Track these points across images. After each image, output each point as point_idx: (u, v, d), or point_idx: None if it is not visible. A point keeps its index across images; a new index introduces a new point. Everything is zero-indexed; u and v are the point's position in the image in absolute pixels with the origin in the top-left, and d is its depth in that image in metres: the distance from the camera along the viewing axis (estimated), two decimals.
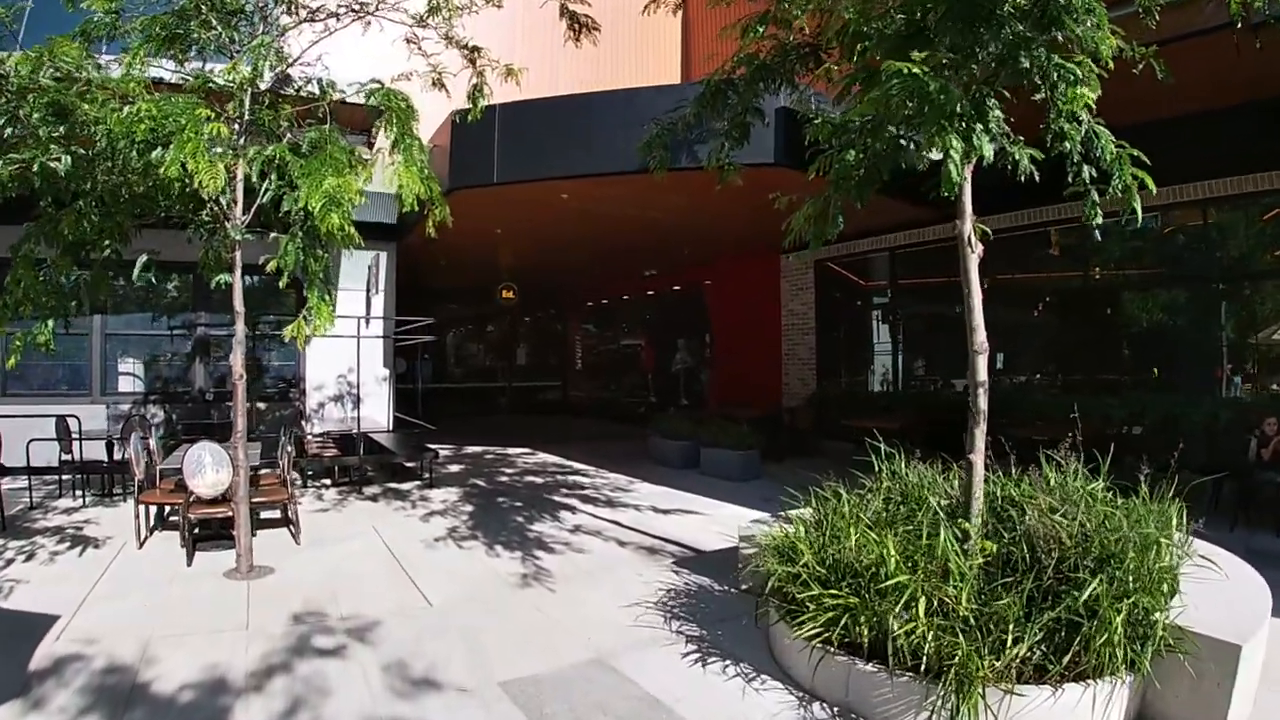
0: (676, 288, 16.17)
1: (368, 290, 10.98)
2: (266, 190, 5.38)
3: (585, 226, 10.78)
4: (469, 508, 7.78)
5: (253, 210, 5.36)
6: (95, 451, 8.37)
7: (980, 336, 4.14)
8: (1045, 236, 9.43)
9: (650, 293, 17.22)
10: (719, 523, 6.99)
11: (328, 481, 9.09)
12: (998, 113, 3.64)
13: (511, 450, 12.44)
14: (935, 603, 3.25)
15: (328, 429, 10.32)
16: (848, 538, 3.78)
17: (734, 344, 14.43)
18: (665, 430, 11.12)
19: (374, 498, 8.30)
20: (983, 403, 4.11)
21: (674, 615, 4.45)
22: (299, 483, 8.88)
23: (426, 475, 9.31)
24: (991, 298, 10.71)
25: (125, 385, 10.29)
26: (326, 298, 4.85)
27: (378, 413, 10.88)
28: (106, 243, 5.93)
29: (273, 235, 5.00)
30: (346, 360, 10.48)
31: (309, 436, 9.81)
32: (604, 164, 7.79)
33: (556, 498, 8.34)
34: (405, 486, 8.95)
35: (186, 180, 4.43)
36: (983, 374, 4.13)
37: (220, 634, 4.19)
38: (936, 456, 4.83)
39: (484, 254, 13.52)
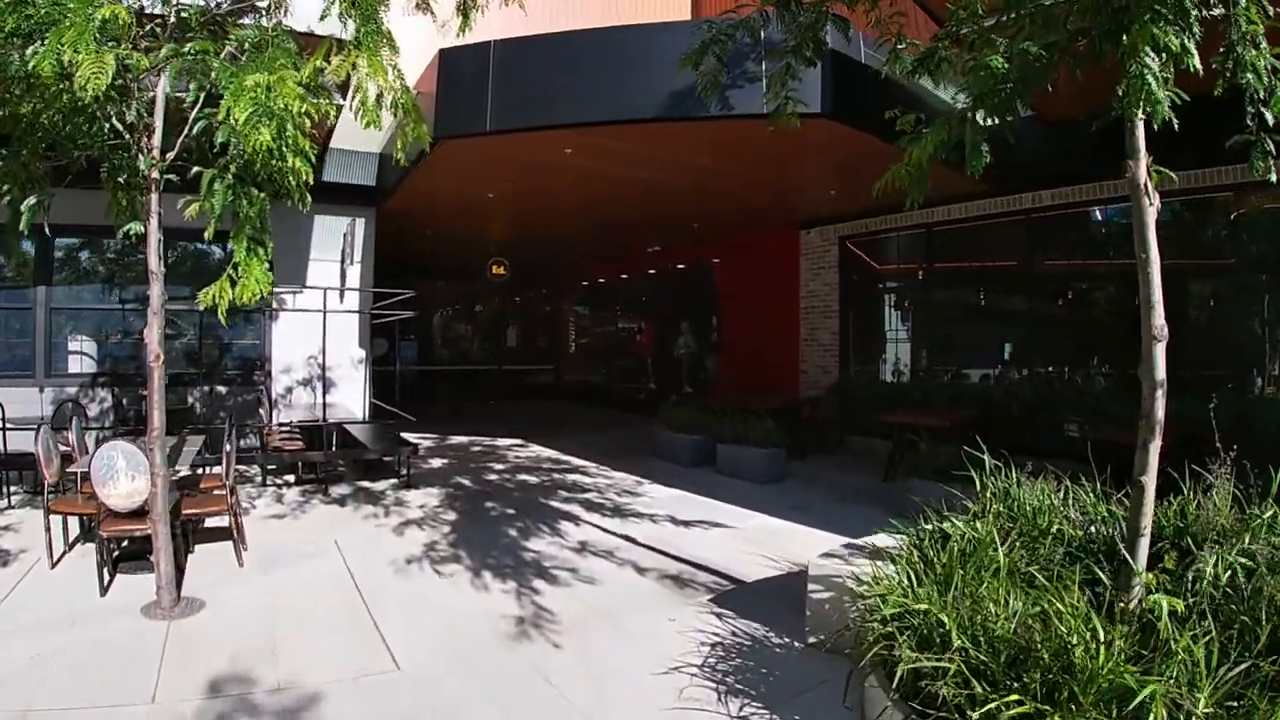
0: (681, 266, 14.94)
1: (342, 261, 9.74)
2: (198, 120, 4.18)
3: (587, 191, 9.55)
4: (452, 516, 6.61)
5: (179, 143, 4.15)
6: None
7: (1159, 318, 3.03)
8: (1084, 217, 8.37)
9: (652, 271, 15.97)
10: (751, 539, 5.89)
11: (290, 479, 7.89)
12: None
13: (501, 442, 11.25)
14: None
15: (296, 417, 9.08)
16: (991, 598, 2.67)
17: (745, 327, 13.23)
18: (674, 422, 9.94)
19: (341, 500, 7.11)
20: (1160, 409, 3.02)
21: (730, 688, 3.28)
22: (259, 480, 7.71)
23: (404, 473, 8.12)
24: (1034, 284, 9.49)
25: (75, 366, 8.98)
26: (261, 251, 3.63)
27: (352, 400, 9.66)
28: (5, 188, 4.77)
29: (194, 170, 3.76)
30: (319, 339, 9.24)
31: (272, 427, 8.59)
32: (618, 111, 6.54)
33: (554, 503, 7.18)
34: (379, 486, 7.76)
35: (67, 84, 3.21)
36: (1161, 370, 3.03)
37: (115, 710, 3.05)
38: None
39: (473, 224, 12.28)
